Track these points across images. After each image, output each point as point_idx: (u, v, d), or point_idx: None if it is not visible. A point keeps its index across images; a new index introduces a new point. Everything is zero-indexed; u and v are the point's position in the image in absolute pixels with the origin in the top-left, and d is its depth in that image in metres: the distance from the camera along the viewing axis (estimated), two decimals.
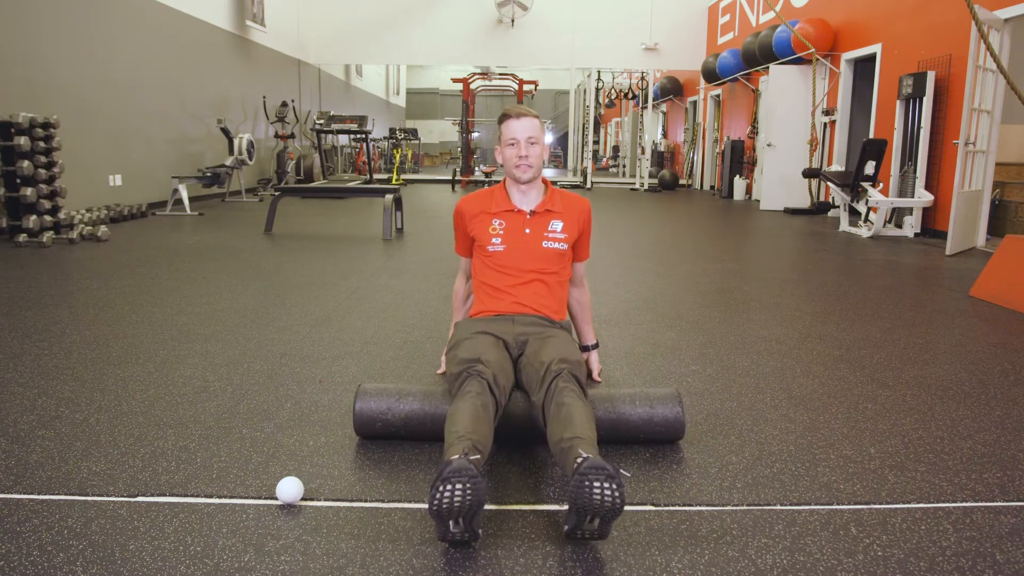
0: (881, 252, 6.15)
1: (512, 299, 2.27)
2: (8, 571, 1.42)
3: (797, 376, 2.74)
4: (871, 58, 8.51)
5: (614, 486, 1.44)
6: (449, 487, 1.42)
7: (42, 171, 5.92)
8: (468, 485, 1.43)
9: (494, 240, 2.30)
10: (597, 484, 1.43)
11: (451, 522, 1.45)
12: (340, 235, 6.87)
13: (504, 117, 2.26)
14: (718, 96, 13.74)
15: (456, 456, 1.51)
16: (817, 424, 2.26)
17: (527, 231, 2.30)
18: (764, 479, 1.87)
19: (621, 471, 1.65)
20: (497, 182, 2.39)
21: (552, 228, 2.31)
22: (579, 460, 1.52)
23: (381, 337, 3.18)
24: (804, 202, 9.76)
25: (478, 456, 1.59)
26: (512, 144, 2.23)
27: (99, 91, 7.71)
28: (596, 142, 21.94)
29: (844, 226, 7.69)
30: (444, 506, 1.42)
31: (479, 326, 2.21)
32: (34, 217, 5.74)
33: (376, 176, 15.07)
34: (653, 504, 1.73)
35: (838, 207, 8.46)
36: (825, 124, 9.55)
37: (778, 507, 1.73)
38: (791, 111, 9.77)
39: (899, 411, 2.38)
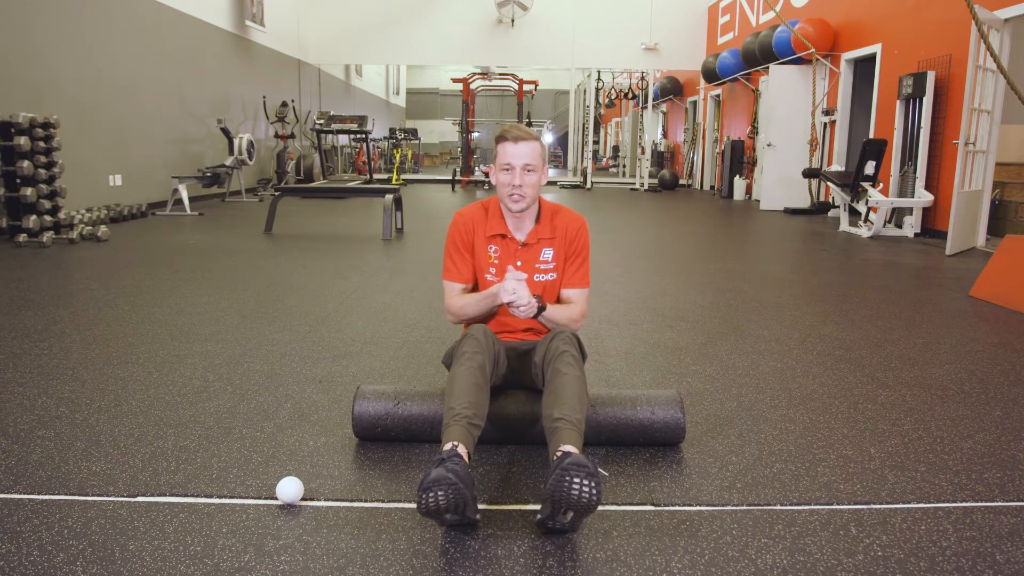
0: (881, 252, 6.15)
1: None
2: (8, 571, 1.42)
3: (797, 376, 2.74)
4: (871, 58, 8.50)
5: (592, 484, 1.49)
6: (432, 494, 1.49)
7: (42, 171, 5.92)
8: (450, 491, 1.49)
9: (491, 270, 2.13)
10: (576, 480, 1.49)
11: (445, 515, 1.53)
12: (340, 235, 6.87)
13: (500, 138, 2.03)
14: (718, 96, 13.74)
15: (448, 446, 1.61)
16: (817, 424, 2.26)
17: (518, 263, 2.10)
18: (764, 479, 1.87)
19: (600, 471, 1.68)
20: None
21: (543, 258, 2.12)
22: (560, 454, 1.58)
23: (381, 337, 3.18)
24: (804, 202, 9.76)
25: (467, 451, 1.64)
26: (506, 170, 2.01)
27: (99, 91, 7.71)
28: (596, 142, 21.96)
29: (844, 226, 7.69)
30: (431, 507, 1.50)
31: None
32: (34, 217, 5.74)
33: (376, 176, 15.06)
34: (653, 504, 1.73)
35: (838, 207, 8.46)
36: (825, 124, 9.55)
37: (778, 507, 1.73)
38: (791, 111, 9.77)
39: (899, 411, 2.38)
